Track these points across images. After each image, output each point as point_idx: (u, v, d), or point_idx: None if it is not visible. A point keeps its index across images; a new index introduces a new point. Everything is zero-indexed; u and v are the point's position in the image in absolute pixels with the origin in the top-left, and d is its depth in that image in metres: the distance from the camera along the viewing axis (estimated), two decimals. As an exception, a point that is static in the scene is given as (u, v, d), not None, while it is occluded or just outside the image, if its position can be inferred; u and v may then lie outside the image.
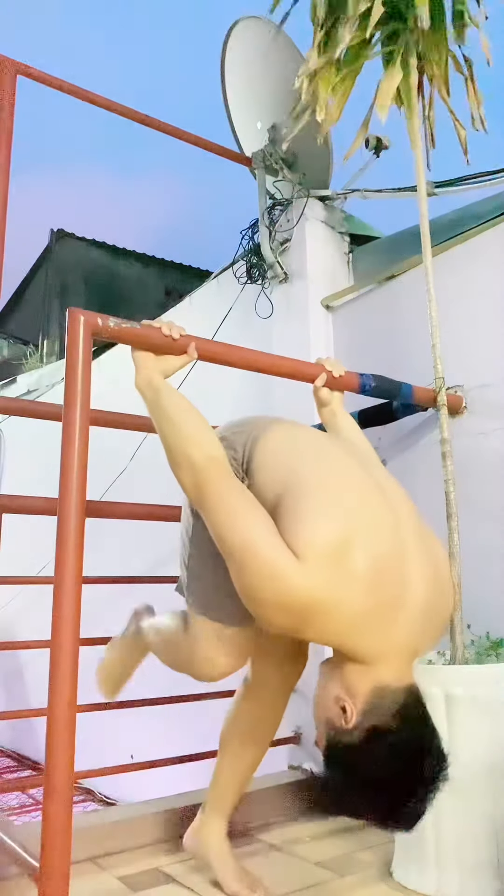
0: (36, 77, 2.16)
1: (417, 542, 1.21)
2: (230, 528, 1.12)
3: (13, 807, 3.54)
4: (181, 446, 1.24)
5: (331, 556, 1.06)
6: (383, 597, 1.11)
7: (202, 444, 1.24)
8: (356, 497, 1.19)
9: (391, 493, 1.27)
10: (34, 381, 5.38)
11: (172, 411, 1.28)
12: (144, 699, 1.88)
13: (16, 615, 4.32)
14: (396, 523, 1.20)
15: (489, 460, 1.92)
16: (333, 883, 1.55)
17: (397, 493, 1.30)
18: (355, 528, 1.11)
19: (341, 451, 1.36)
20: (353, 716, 1.10)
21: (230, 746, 1.54)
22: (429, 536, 1.28)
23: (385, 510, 1.21)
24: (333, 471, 1.25)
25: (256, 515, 1.13)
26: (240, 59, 2.71)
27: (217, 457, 1.24)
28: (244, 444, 1.33)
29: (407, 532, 1.21)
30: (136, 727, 2.93)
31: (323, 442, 1.37)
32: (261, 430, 1.35)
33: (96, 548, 1.59)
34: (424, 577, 1.18)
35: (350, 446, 1.46)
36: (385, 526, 1.17)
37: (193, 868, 1.63)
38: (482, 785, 1.44)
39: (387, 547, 1.14)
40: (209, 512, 1.18)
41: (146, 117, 2.40)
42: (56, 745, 1.14)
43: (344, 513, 1.13)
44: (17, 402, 3.55)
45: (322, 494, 1.16)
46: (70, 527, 1.22)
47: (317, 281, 2.49)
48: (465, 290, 2.07)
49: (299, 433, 1.37)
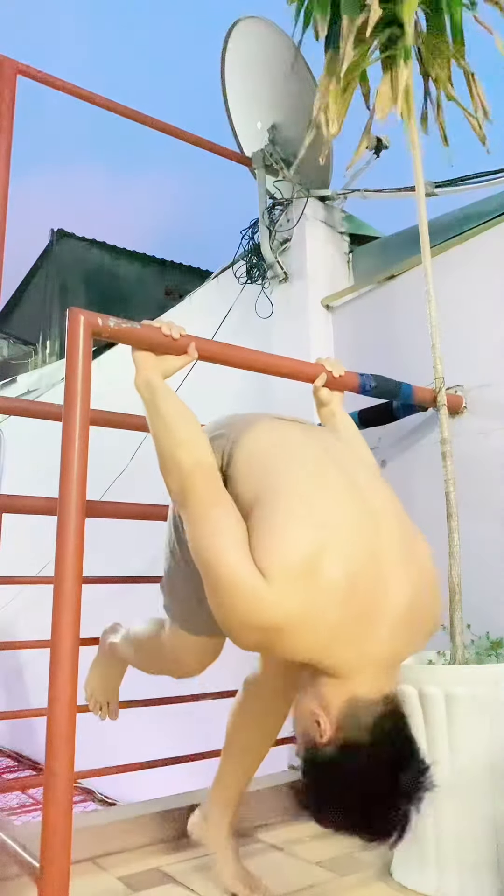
0: (36, 77, 2.16)
1: (400, 546, 1.18)
2: (207, 544, 1.11)
3: (13, 807, 3.54)
4: (171, 450, 1.23)
5: (300, 575, 1.04)
6: (357, 611, 1.08)
7: (192, 450, 1.22)
8: (330, 504, 1.15)
9: (372, 494, 1.23)
10: (34, 381, 5.39)
11: (166, 414, 1.27)
12: (144, 699, 1.88)
13: (16, 615, 4.32)
14: (375, 528, 1.16)
15: (489, 460, 1.92)
16: (333, 883, 1.55)
17: (380, 494, 1.25)
18: (326, 541, 1.07)
19: (317, 451, 1.27)
20: (328, 730, 1.09)
21: (235, 743, 1.54)
22: (413, 539, 1.23)
23: (362, 515, 1.16)
24: (307, 476, 1.19)
25: (234, 533, 1.10)
26: (240, 59, 2.71)
27: (205, 464, 1.21)
28: (223, 448, 1.29)
29: (388, 536, 1.17)
30: (136, 727, 2.93)
31: (298, 442, 1.29)
32: (239, 432, 1.31)
33: (96, 548, 1.59)
34: (407, 583, 1.14)
35: (327, 441, 1.36)
36: (361, 533, 1.13)
37: (193, 868, 1.63)
38: (482, 785, 1.44)
39: (361, 557, 1.10)
40: (189, 522, 1.16)
41: (146, 117, 2.40)
42: (56, 745, 1.14)
43: (315, 525, 1.09)
44: (17, 402, 3.54)
45: (294, 505, 1.12)
46: (70, 527, 1.22)
47: (317, 281, 2.49)
48: (464, 290, 2.07)
49: (275, 436, 1.30)
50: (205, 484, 1.18)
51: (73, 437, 1.26)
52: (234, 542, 1.08)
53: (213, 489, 1.18)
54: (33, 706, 3.92)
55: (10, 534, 2.31)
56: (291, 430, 1.33)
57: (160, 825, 1.82)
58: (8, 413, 3.27)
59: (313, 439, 1.31)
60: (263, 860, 1.70)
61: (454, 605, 1.63)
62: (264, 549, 1.06)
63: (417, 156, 1.93)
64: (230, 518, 1.12)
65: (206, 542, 1.11)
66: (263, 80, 2.69)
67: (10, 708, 4.53)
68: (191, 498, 1.17)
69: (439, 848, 1.45)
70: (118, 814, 1.90)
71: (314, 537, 1.07)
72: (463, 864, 1.43)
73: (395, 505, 1.26)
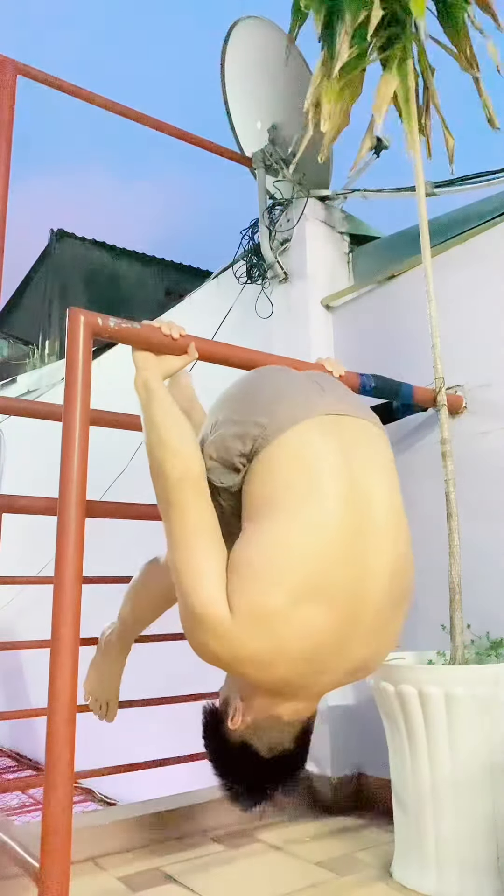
0: (36, 77, 2.16)
1: (389, 581, 1.16)
2: (184, 568, 1.12)
3: (13, 807, 3.54)
4: (160, 456, 1.21)
5: (267, 624, 1.05)
6: (315, 667, 1.11)
7: (181, 459, 1.19)
8: (326, 550, 1.09)
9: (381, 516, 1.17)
10: (34, 381, 5.38)
11: (160, 418, 1.25)
12: (144, 699, 1.88)
13: (16, 615, 4.32)
14: (367, 568, 1.13)
15: (489, 460, 1.92)
16: (333, 883, 1.55)
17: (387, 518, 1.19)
18: (303, 594, 1.06)
19: (341, 484, 1.15)
20: (237, 724, 1.15)
21: (128, 611, 1.64)
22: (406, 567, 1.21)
23: (358, 558, 1.12)
24: (317, 513, 1.12)
25: (211, 564, 1.10)
26: (240, 59, 2.71)
27: (192, 476, 1.18)
28: (255, 438, 1.19)
29: (379, 569, 1.14)
30: (136, 727, 2.93)
31: (327, 469, 1.16)
32: (277, 430, 1.18)
33: (96, 548, 1.59)
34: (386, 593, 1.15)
35: (357, 455, 1.22)
36: (349, 582, 1.10)
37: (193, 868, 1.63)
38: (482, 785, 1.44)
39: (341, 610, 1.09)
40: (169, 533, 1.17)
41: (146, 117, 2.39)
42: (56, 745, 1.14)
43: (297, 578, 1.07)
44: (17, 402, 3.54)
45: (289, 544, 1.09)
46: (70, 527, 1.22)
47: (317, 281, 2.49)
48: (464, 290, 2.07)
49: (309, 454, 1.17)
50: (189, 501, 1.16)
51: (73, 437, 1.26)
52: (209, 572, 1.09)
53: (197, 508, 1.16)
54: (33, 706, 3.92)
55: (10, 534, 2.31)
56: (327, 447, 1.18)
57: (160, 825, 1.82)
58: (8, 413, 3.27)
59: (344, 456, 1.19)
60: (263, 860, 1.70)
61: (454, 605, 1.63)
62: (240, 588, 1.06)
63: (417, 156, 1.94)
64: (210, 547, 1.12)
65: (183, 566, 1.12)
66: (263, 80, 2.69)
67: (10, 708, 4.52)
68: (174, 513, 1.16)
69: (439, 848, 1.45)
70: (118, 814, 1.90)
71: (291, 590, 1.06)
72: (463, 864, 1.43)
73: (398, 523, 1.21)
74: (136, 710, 1.96)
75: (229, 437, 1.21)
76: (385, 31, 1.94)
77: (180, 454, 1.19)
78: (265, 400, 1.24)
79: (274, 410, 1.20)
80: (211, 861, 1.68)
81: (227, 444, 1.21)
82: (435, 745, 1.47)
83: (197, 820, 1.89)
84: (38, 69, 2.15)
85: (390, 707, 1.54)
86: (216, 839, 1.82)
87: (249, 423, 1.19)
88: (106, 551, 2.29)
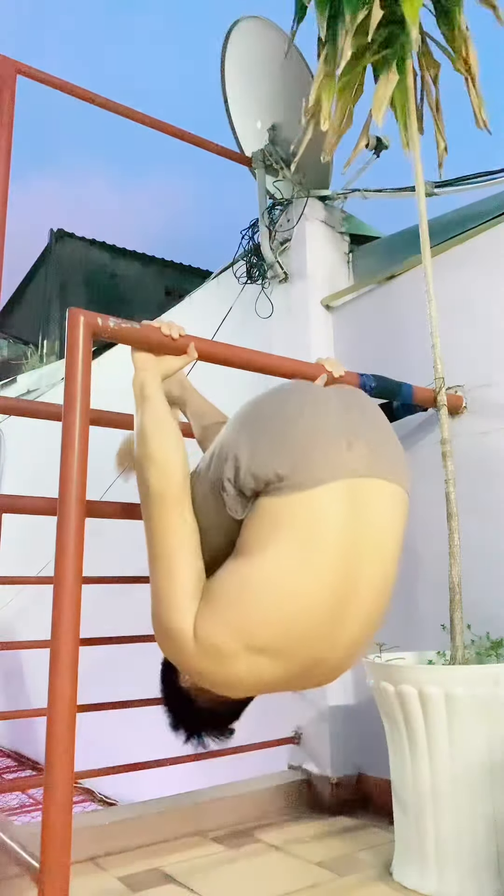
0: (36, 77, 2.16)
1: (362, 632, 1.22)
2: (159, 570, 1.20)
3: (13, 807, 3.54)
4: (145, 467, 1.23)
5: (216, 660, 1.14)
6: (261, 692, 1.24)
7: (163, 475, 1.21)
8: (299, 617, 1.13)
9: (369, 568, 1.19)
10: (34, 381, 5.38)
11: (149, 429, 1.26)
12: (144, 699, 1.88)
13: (16, 615, 4.32)
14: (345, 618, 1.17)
15: (489, 460, 1.92)
16: (333, 883, 1.55)
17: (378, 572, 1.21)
18: (262, 650, 1.13)
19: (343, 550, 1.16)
20: (186, 682, 1.28)
21: None
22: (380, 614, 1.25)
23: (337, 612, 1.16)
24: (301, 580, 1.13)
25: (183, 571, 1.18)
26: (240, 59, 2.71)
27: (173, 492, 1.21)
28: (269, 482, 1.14)
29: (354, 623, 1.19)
30: (136, 727, 2.93)
31: (332, 540, 1.15)
32: (293, 486, 1.14)
33: (96, 548, 1.59)
34: (349, 657, 1.24)
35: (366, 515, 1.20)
36: (312, 651, 1.17)
37: (193, 868, 1.63)
38: (482, 785, 1.44)
39: (293, 670, 1.17)
40: (148, 541, 1.23)
41: (146, 117, 2.39)
42: (56, 745, 1.14)
43: (259, 637, 1.12)
44: (17, 402, 3.54)
45: (262, 599, 1.12)
46: (70, 527, 1.22)
47: (317, 281, 2.49)
48: (464, 289, 2.07)
49: (317, 518, 1.15)
50: (168, 518, 1.21)
51: (73, 437, 1.26)
52: (182, 593, 1.17)
53: (175, 525, 1.21)
54: (33, 706, 3.92)
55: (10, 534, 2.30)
56: (338, 519, 1.16)
57: (160, 825, 1.82)
58: (8, 413, 3.28)
59: (353, 530, 1.17)
60: (263, 860, 1.70)
61: (454, 605, 1.63)
62: (209, 618, 1.14)
63: (417, 156, 1.94)
64: (185, 566, 1.19)
65: (159, 579, 1.19)
66: (263, 80, 2.69)
67: (10, 708, 4.52)
68: (153, 527, 1.22)
69: (439, 848, 1.45)
70: (118, 814, 1.90)
71: (250, 641, 1.12)
72: (463, 865, 1.43)
73: (381, 596, 1.23)
74: (136, 710, 1.96)
75: (244, 470, 1.17)
76: (385, 29, 1.93)
77: (164, 470, 1.22)
78: (291, 442, 1.18)
79: (297, 461, 1.15)
80: (211, 861, 1.69)
81: (240, 477, 1.17)
82: (435, 745, 1.47)
83: (197, 820, 1.89)
84: (38, 69, 2.15)
85: (390, 707, 1.54)
86: (216, 839, 1.82)
87: (269, 468, 1.15)
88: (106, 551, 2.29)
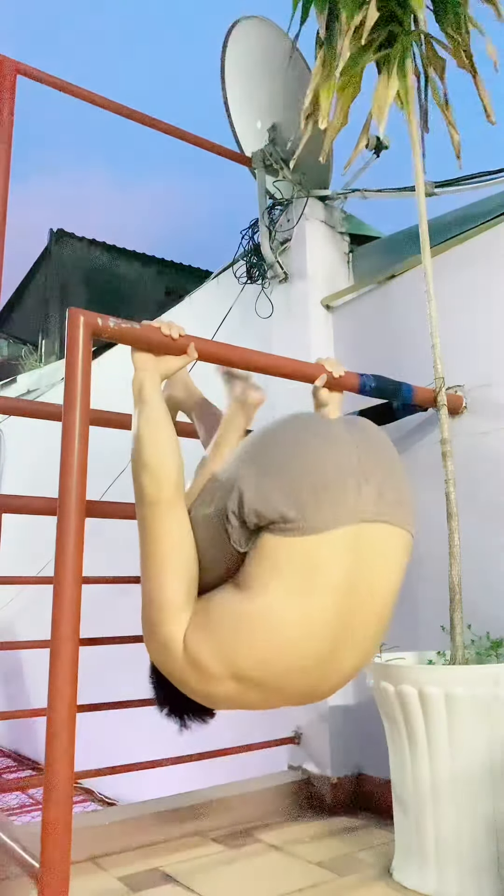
0: (36, 77, 2.16)
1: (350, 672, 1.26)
2: (150, 573, 1.22)
3: (13, 807, 3.54)
4: (139, 472, 1.25)
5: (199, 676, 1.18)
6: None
7: (156, 482, 1.23)
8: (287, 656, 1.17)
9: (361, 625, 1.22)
10: (34, 381, 5.39)
11: (146, 435, 1.26)
12: (144, 699, 1.88)
13: (16, 615, 4.32)
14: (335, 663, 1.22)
15: (489, 460, 1.92)
16: (333, 883, 1.55)
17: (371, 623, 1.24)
18: (245, 680, 1.17)
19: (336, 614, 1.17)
20: None
21: None
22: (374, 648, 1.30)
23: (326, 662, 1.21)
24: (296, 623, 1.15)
25: (174, 578, 1.20)
26: (240, 59, 2.71)
27: (165, 499, 1.22)
28: (274, 522, 1.13)
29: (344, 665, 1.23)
30: (136, 727, 2.93)
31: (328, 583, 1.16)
32: (299, 530, 1.13)
33: (96, 548, 1.59)
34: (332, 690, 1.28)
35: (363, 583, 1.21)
36: (297, 687, 1.22)
37: (193, 868, 1.63)
38: (482, 785, 1.44)
39: (274, 699, 1.23)
40: (140, 544, 1.25)
41: (146, 117, 2.39)
42: (56, 745, 1.14)
43: (244, 669, 1.16)
44: (17, 402, 3.55)
45: (249, 634, 1.15)
46: (70, 527, 1.22)
47: (317, 281, 2.49)
48: (465, 289, 2.07)
49: (319, 564, 1.15)
50: (160, 525, 1.23)
51: (73, 437, 1.26)
52: (173, 596, 1.20)
53: (166, 532, 1.22)
54: (33, 706, 3.93)
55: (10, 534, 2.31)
56: (341, 567, 1.16)
57: (160, 825, 1.82)
58: (8, 413, 3.28)
59: (354, 576, 1.18)
60: (263, 860, 1.70)
61: (454, 605, 1.63)
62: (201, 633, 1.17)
63: (417, 156, 1.93)
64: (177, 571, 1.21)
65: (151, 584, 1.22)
66: (263, 80, 2.69)
67: (10, 708, 4.53)
68: (145, 533, 1.24)
69: (439, 848, 1.45)
70: (118, 814, 1.90)
71: (237, 671, 1.16)
72: (463, 865, 1.43)
73: (376, 636, 1.26)
74: (136, 710, 1.96)
75: (248, 505, 1.15)
76: (384, 29, 1.93)
77: (157, 477, 1.23)
78: (299, 483, 1.16)
79: (303, 505, 1.14)
80: (211, 861, 1.69)
81: (244, 512, 1.16)
82: (435, 745, 1.47)
83: (197, 820, 1.89)
84: (38, 69, 2.15)
85: (390, 707, 1.55)
86: (216, 839, 1.82)
87: (274, 507, 1.14)
88: (106, 551, 2.29)
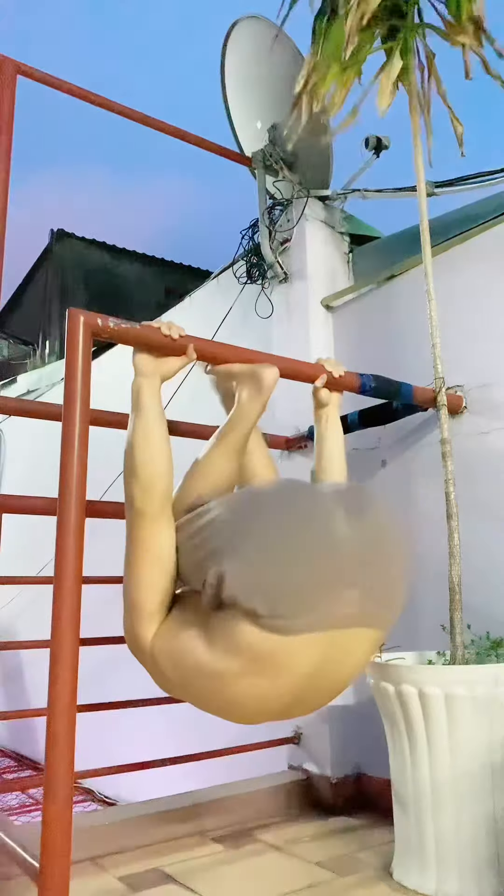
0: (36, 77, 2.16)
1: None
2: (130, 577, 1.30)
3: (13, 807, 3.54)
4: (128, 479, 1.29)
5: (162, 676, 1.28)
6: None
7: (144, 492, 1.27)
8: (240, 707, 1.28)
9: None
10: (34, 381, 5.39)
11: (139, 443, 1.28)
12: (144, 699, 1.88)
13: (16, 615, 4.32)
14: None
15: (489, 460, 1.92)
16: (333, 883, 1.55)
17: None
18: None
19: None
20: None
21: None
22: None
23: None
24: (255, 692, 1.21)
25: (150, 586, 1.28)
26: (240, 59, 2.71)
27: (152, 511, 1.27)
28: (259, 617, 1.12)
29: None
30: (136, 727, 2.93)
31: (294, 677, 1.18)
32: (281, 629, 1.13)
33: (97, 548, 1.58)
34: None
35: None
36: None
37: (193, 868, 1.63)
38: (482, 785, 1.44)
39: None
40: (126, 544, 1.31)
41: (146, 117, 2.39)
42: (56, 745, 1.14)
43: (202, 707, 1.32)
44: (17, 402, 3.54)
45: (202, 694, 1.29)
46: (70, 527, 1.22)
47: (317, 281, 2.49)
48: (464, 290, 2.07)
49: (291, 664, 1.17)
50: (145, 534, 1.28)
51: (73, 437, 1.26)
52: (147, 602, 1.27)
53: (149, 542, 1.28)
54: (33, 706, 3.93)
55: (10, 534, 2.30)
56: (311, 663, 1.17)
57: (160, 825, 1.82)
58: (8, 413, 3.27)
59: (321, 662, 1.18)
60: (263, 860, 1.70)
61: (454, 605, 1.63)
62: (165, 648, 1.25)
63: (419, 155, 1.93)
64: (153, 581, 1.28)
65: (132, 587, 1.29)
66: (263, 80, 2.69)
67: (10, 708, 4.53)
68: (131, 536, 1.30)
69: (439, 848, 1.45)
70: (118, 814, 1.90)
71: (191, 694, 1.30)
72: (463, 864, 1.43)
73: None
74: (136, 710, 1.96)
75: (226, 587, 1.14)
76: (386, 23, 1.92)
77: (146, 487, 1.27)
78: (283, 587, 1.13)
79: (284, 609, 1.12)
80: (211, 861, 1.69)
81: (222, 591, 1.15)
82: (435, 745, 1.47)
83: (197, 820, 1.89)
84: (38, 69, 2.15)
85: (390, 707, 1.55)
86: (216, 839, 1.82)
87: (252, 600, 1.12)
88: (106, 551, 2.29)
